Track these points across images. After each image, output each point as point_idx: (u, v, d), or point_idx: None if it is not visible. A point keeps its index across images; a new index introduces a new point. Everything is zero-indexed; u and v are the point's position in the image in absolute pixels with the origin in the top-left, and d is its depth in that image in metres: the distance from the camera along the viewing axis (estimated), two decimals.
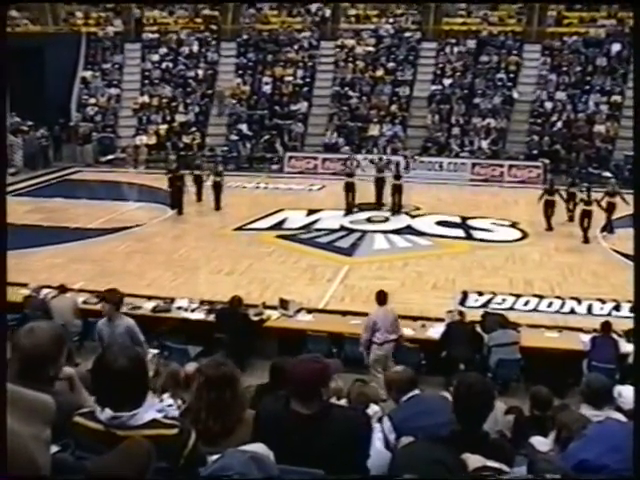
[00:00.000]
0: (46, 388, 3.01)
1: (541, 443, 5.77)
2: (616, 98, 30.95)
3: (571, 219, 21.43)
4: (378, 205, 23.69)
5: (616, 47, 32.47)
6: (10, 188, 23.75)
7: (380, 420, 5.59)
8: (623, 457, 2.65)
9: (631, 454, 2.63)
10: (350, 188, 23.31)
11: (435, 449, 3.24)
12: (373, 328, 12.21)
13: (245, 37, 36.31)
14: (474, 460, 2.83)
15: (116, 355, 3.25)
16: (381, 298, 12.52)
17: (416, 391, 6.07)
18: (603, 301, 15.36)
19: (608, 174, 25.35)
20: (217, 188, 23.69)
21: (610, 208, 20.56)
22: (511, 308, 15.04)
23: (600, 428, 3.01)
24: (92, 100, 34.63)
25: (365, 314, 14.28)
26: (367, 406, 6.92)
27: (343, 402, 7.41)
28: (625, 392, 6.74)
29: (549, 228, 21.05)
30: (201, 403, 4.13)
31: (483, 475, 2.43)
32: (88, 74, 35.31)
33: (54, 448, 2.67)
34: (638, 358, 2.46)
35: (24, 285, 14.23)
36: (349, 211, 23.08)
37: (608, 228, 20.64)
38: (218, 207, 23.59)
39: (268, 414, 4.03)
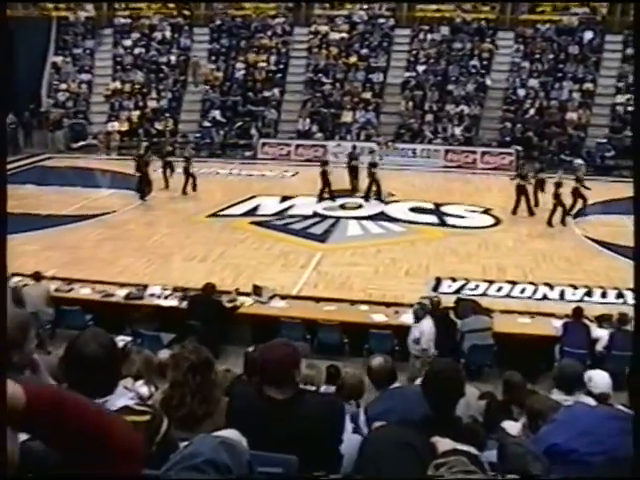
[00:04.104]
0: (14, 375, 2.98)
1: (512, 427, 5.82)
2: (588, 86, 31.15)
3: (537, 204, 21.66)
4: (352, 192, 23.75)
5: (588, 35, 32.67)
6: None
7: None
8: (592, 441, 2.68)
9: (600, 438, 2.67)
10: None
11: (405, 432, 3.25)
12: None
13: (218, 23, 36.06)
14: (443, 443, 2.84)
15: (87, 341, 3.22)
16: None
17: (396, 384, 6.04)
18: (575, 287, 15.50)
19: (580, 161, 25.55)
20: (185, 173, 23.68)
21: (576, 193, 20.75)
22: (484, 294, 15.13)
23: (569, 412, 3.03)
24: (63, 86, 34.28)
25: (339, 300, 14.37)
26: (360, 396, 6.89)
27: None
28: (596, 377, 6.82)
29: (514, 212, 21.25)
30: (186, 388, 4.12)
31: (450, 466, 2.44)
32: (59, 59, 34.96)
33: (23, 436, 2.63)
34: (638, 351, 2.48)
35: None
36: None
37: (580, 212, 20.88)
38: (184, 192, 23.59)
39: (242, 400, 4.03)
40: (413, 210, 21.91)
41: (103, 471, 2.31)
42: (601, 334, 12.29)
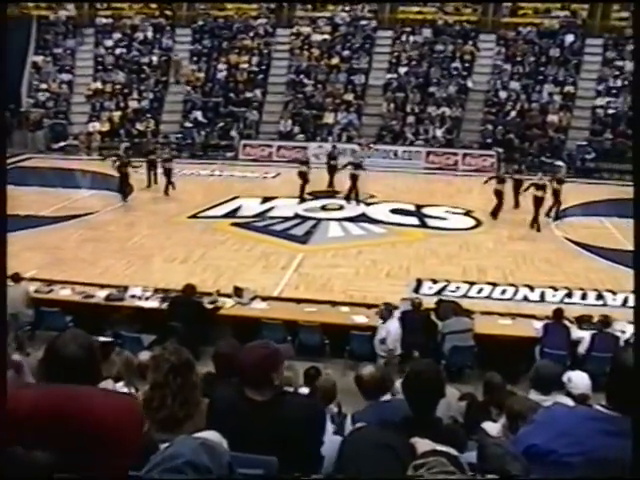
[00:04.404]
0: None
1: (493, 428, 5.84)
2: (569, 88, 31.37)
3: (517, 205, 21.82)
4: (331, 191, 23.86)
5: (569, 38, 32.92)
6: None
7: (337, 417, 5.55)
8: (570, 441, 2.69)
9: (579, 439, 2.68)
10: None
11: (384, 434, 3.26)
12: None
13: (200, 23, 36.06)
14: (423, 444, 2.85)
15: (67, 342, 3.20)
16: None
17: (387, 396, 5.95)
18: (555, 288, 15.57)
19: (560, 163, 25.70)
20: (166, 174, 23.60)
21: (557, 194, 20.83)
22: (465, 295, 15.17)
23: (548, 413, 3.04)
24: (44, 86, 34.14)
25: (320, 302, 14.35)
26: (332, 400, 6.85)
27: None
28: (575, 378, 6.86)
29: (494, 216, 21.24)
30: (167, 389, 4.10)
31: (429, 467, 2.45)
32: (39, 59, 34.78)
33: None
34: (638, 354, 2.50)
35: None
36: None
37: (554, 214, 20.92)
38: (167, 192, 23.49)
39: (222, 401, 4.02)
40: (394, 212, 21.95)
41: (100, 470, 2.30)
42: (581, 335, 12.34)
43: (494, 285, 15.85)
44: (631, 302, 13.96)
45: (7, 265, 2.95)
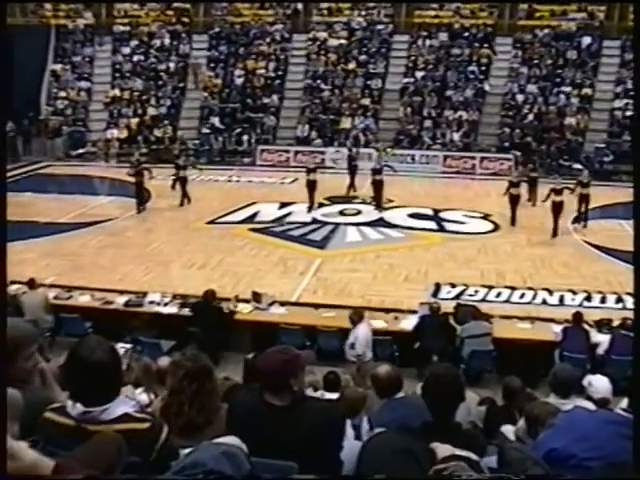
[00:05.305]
0: (20, 385, 3.00)
1: (511, 431, 5.81)
2: (586, 91, 31.21)
3: (533, 203, 22.11)
4: (349, 192, 24.20)
5: (586, 40, 32.75)
6: None
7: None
8: (591, 446, 2.68)
9: (599, 443, 2.67)
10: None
11: (404, 439, 3.25)
12: None
13: (217, 30, 36.18)
14: (443, 449, 2.85)
15: (92, 348, 3.22)
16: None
17: (401, 393, 5.95)
18: (574, 292, 15.47)
19: (579, 166, 25.56)
20: (183, 182, 23.58)
21: (582, 199, 20.61)
22: (483, 300, 15.10)
23: (568, 417, 3.02)
24: (62, 93, 34.35)
25: (338, 307, 14.33)
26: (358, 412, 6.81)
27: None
28: (595, 381, 6.82)
29: (513, 222, 21.06)
30: (183, 396, 4.12)
31: (450, 472, 2.45)
32: (58, 67, 35.02)
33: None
34: (638, 357, 2.48)
35: None
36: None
37: (582, 219, 20.71)
38: (189, 201, 23.41)
39: (242, 406, 4.02)
40: (412, 216, 21.90)
41: None
42: (601, 339, 12.29)
43: (513, 289, 15.77)
44: None
45: (7, 273, 2.96)
